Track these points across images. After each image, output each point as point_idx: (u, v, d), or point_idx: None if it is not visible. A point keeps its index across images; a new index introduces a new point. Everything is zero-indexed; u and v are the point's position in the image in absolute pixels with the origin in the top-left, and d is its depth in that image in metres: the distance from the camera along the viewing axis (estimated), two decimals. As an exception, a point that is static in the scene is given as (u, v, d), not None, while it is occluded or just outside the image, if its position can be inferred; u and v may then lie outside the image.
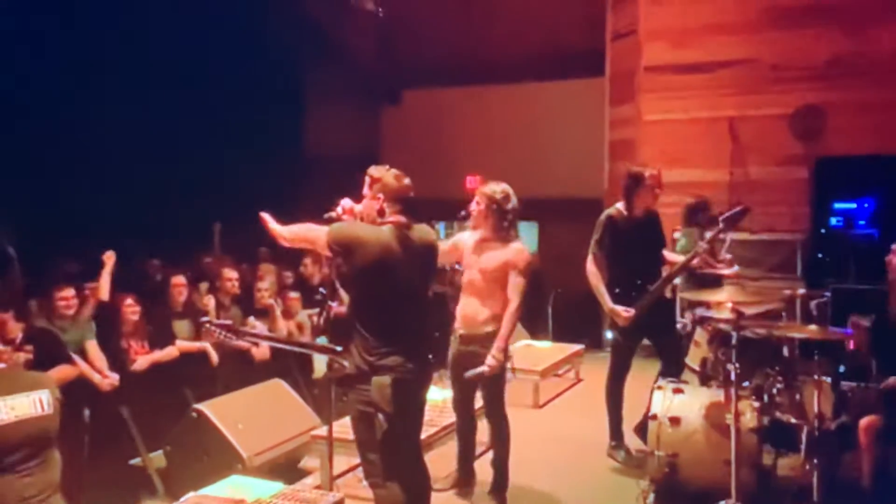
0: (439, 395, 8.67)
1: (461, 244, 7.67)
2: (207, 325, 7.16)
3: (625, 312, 8.37)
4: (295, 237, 6.13)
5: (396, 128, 20.46)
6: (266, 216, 6.21)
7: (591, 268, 8.52)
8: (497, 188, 7.58)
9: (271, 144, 16.51)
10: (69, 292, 9.04)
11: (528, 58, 18.42)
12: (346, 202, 6.34)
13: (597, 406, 9.15)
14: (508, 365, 7.64)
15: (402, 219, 6.04)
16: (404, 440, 6.05)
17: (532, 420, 10.52)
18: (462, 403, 7.95)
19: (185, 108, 14.75)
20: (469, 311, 7.58)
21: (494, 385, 7.63)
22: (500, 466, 7.80)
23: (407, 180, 6.13)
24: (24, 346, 7.96)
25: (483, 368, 7.36)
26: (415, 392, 6.08)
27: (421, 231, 6.17)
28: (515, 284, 7.45)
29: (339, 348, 6.18)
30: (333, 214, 6.24)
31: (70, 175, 13.31)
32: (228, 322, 7.79)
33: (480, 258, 7.55)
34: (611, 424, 8.89)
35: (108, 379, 8.82)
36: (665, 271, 8.81)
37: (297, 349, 9.71)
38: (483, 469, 8.00)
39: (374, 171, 6.15)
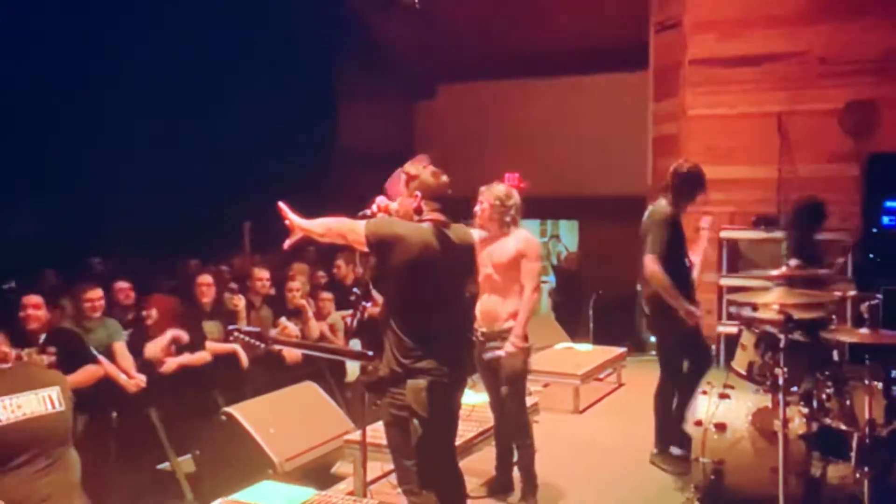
0: (473, 399, 8.69)
1: None
2: (236, 333, 7.18)
3: (697, 313, 8.46)
4: (327, 231, 6.04)
5: (431, 123, 20.47)
6: (284, 207, 6.19)
7: (656, 268, 8.45)
8: (500, 188, 7.81)
9: (303, 140, 16.55)
10: (96, 293, 9.12)
11: (567, 50, 18.35)
12: (381, 200, 6.33)
13: (639, 412, 9.13)
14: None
15: (440, 217, 6.01)
16: (440, 446, 6.02)
17: (572, 426, 10.50)
18: (497, 406, 8.00)
19: (216, 102, 14.82)
20: (489, 307, 7.75)
21: (514, 384, 7.72)
22: (527, 470, 7.86)
23: (444, 177, 6.10)
24: (47, 347, 8.04)
25: (500, 353, 7.55)
26: (451, 396, 6.02)
27: (459, 230, 6.15)
28: (529, 270, 7.66)
29: (370, 353, 6.18)
30: (368, 212, 6.22)
31: (100, 173, 13.43)
32: (256, 329, 7.78)
33: (491, 253, 7.72)
34: (657, 430, 8.88)
35: (133, 380, 8.86)
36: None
37: (327, 356, 9.74)
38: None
39: (411, 168, 6.13)
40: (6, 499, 5.75)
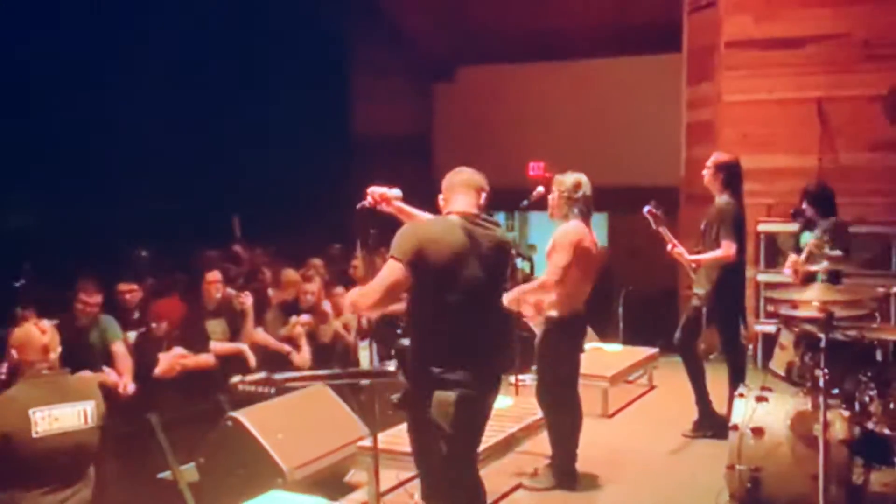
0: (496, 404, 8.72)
1: None
2: (240, 386, 7.09)
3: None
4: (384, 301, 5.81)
5: (450, 108, 20.46)
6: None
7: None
8: (568, 178, 8.34)
9: (316, 125, 16.56)
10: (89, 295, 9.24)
11: (596, 31, 18.34)
12: (373, 190, 6.37)
13: (672, 415, 9.13)
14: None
15: (469, 211, 5.99)
16: (462, 460, 5.94)
17: (601, 430, 10.45)
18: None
19: (225, 86, 14.86)
20: None
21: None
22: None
23: (468, 171, 6.21)
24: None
25: None
26: (480, 409, 5.94)
27: (490, 228, 6.05)
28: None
29: (391, 367, 6.15)
30: (366, 204, 6.29)
31: (100, 164, 13.51)
32: (262, 375, 7.70)
33: None
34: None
35: (123, 383, 8.91)
36: None
37: (346, 381, 9.67)
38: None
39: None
40: None
